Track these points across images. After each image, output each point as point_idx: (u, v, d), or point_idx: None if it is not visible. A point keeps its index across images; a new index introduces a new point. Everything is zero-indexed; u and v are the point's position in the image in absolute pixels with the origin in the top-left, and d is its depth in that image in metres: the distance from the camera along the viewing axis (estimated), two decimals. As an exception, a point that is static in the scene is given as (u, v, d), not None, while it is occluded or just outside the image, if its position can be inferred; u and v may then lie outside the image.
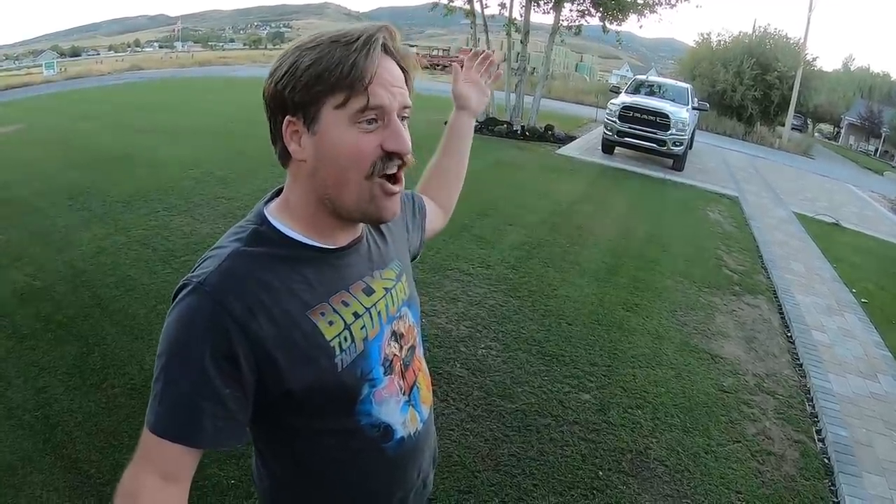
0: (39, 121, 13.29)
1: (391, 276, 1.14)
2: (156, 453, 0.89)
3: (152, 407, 0.89)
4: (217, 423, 0.89)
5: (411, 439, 1.13)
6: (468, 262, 5.61)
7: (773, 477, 3.18)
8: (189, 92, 20.11)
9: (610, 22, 14.15)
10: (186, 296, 0.90)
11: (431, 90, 11.61)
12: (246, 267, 0.93)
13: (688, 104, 13.01)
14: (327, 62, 0.89)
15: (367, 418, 1.04)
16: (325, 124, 0.92)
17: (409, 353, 1.16)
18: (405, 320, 1.16)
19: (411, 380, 1.15)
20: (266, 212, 1.01)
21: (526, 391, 3.65)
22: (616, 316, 4.88)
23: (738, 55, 26.96)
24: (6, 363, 3.61)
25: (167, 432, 0.88)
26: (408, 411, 1.12)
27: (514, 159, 11.42)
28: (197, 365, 0.87)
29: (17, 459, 2.83)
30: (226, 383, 0.88)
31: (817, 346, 4.83)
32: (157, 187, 7.21)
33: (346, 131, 0.92)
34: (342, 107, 0.91)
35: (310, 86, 0.90)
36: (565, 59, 44.85)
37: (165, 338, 0.90)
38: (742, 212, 9.62)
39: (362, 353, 1.02)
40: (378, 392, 1.05)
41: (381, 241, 1.17)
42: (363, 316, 1.04)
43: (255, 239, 0.97)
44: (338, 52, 0.89)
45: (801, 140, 27.75)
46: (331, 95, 0.90)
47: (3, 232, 5.75)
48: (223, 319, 0.88)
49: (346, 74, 0.89)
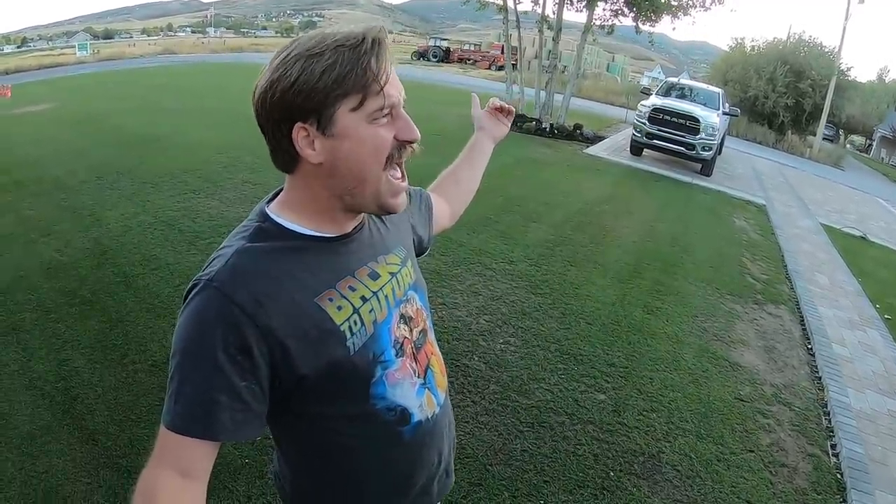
0: (71, 100, 13.54)
1: (395, 261, 1.16)
2: (174, 451, 0.91)
3: (168, 406, 0.91)
4: (234, 416, 0.91)
5: (429, 423, 1.14)
6: (491, 256, 5.62)
7: (784, 489, 3.16)
8: (220, 77, 20.33)
9: (643, 22, 14.03)
10: (196, 294, 0.93)
11: (464, 84, 11.66)
12: (252, 261, 0.96)
13: (718, 109, 12.85)
14: (340, 68, 0.92)
15: (382, 402, 1.06)
16: (342, 126, 0.95)
17: (421, 336, 1.17)
18: (413, 303, 1.18)
19: (424, 362, 1.16)
20: (268, 210, 1.04)
21: (542, 388, 3.66)
22: (636, 318, 4.86)
23: (771, 61, 26.55)
24: (30, 335, 3.70)
25: (185, 429, 0.90)
26: (424, 394, 1.14)
27: (541, 157, 11.39)
28: (211, 360, 0.89)
29: (37, 429, 2.91)
30: (241, 376, 0.91)
31: (837, 359, 4.77)
32: (186, 169, 7.32)
33: (366, 129, 0.96)
34: (358, 108, 0.94)
35: (326, 92, 0.92)
36: (597, 59, 44.45)
37: (179, 337, 0.93)
38: (769, 220, 9.51)
39: (373, 336, 1.04)
40: (391, 374, 1.07)
41: (384, 227, 1.20)
42: (371, 300, 1.06)
43: (260, 235, 1.00)
44: (346, 56, 0.92)
45: (832, 150, 27.26)
46: (346, 98, 0.93)
47: (33, 207, 5.89)
48: (233, 313, 0.90)
49: (361, 77, 0.92)
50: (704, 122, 11.56)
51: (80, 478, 2.64)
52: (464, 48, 47.39)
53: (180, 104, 12.73)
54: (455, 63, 42.14)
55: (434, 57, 42.05)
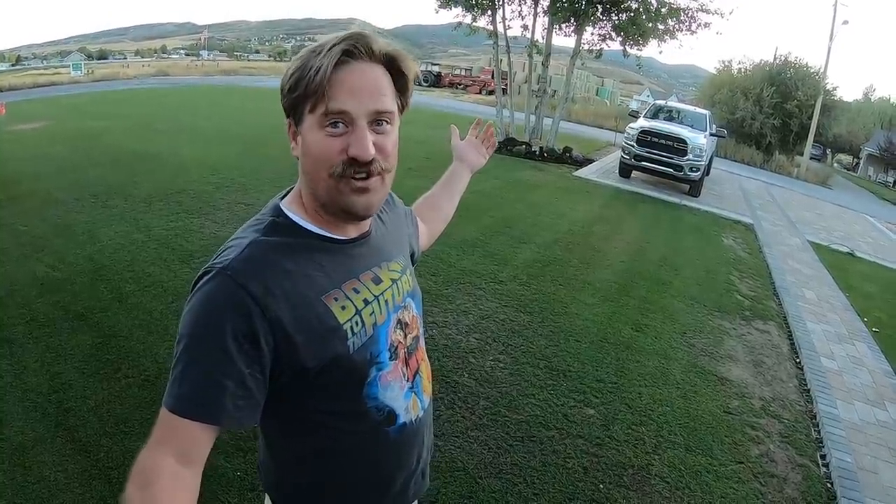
0: (65, 118, 13.57)
1: (397, 269, 1.22)
2: (174, 434, 0.91)
3: (171, 389, 0.92)
4: (237, 402, 0.93)
5: (412, 425, 1.18)
6: (480, 277, 5.66)
7: (774, 499, 3.19)
8: (213, 99, 20.41)
9: (630, 46, 14.23)
10: (209, 281, 0.96)
11: (453, 108, 11.74)
12: (265, 254, 1.00)
13: (706, 130, 13.01)
14: (302, 70, 0.98)
15: (372, 401, 1.10)
16: (304, 127, 1.02)
17: (414, 342, 1.22)
18: (409, 310, 1.22)
19: (414, 368, 1.21)
20: (282, 205, 1.09)
21: (531, 403, 3.69)
22: (625, 335, 4.91)
23: (758, 83, 26.89)
24: (23, 348, 3.72)
25: (188, 411, 0.91)
26: (410, 398, 1.18)
27: (530, 179, 11.49)
28: (220, 345, 0.91)
29: (29, 440, 2.92)
30: (246, 363, 0.93)
31: (826, 372, 4.82)
32: (179, 189, 7.35)
33: (315, 134, 1.00)
34: (312, 112, 1.00)
35: (290, 91, 1.01)
36: (586, 83, 44.82)
37: (188, 321, 0.94)
38: (756, 238, 9.62)
39: (372, 337, 1.09)
40: (384, 376, 1.11)
41: (388, 236, 1.25)
42: (372, 303, 1.10)
43: (273, 229, 1.05)
44: (311, 60, 0.98)
45: (819, 170, 27.61)
46: (305, 101, 1.00)
47: (27, 223, 5.90)
48: (245, 301, 0.93)
49: (311, 81, 0.97)
50: (692, 144, 11.70)
51: (73, 488, 2.64)
52: (455, 73, 47.68)
53: (172, 125, 12.78)
54: (446, 87, 42.41)
55: (425, 81, 42.26)
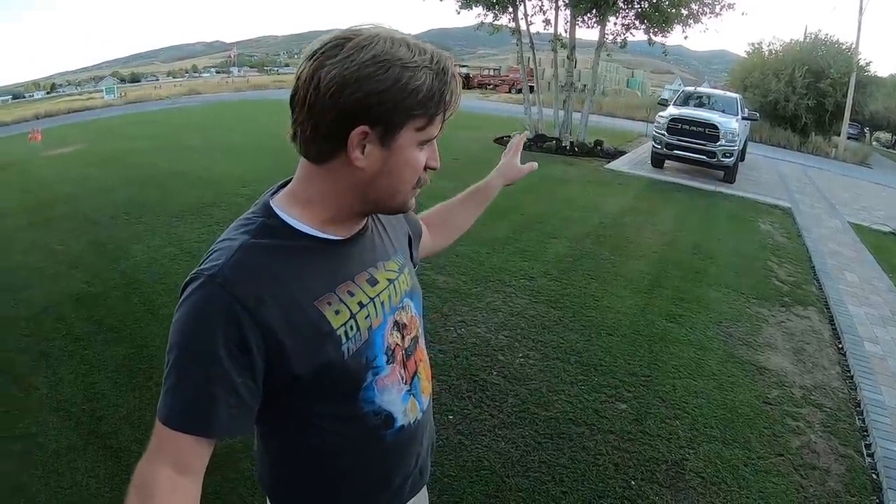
0: (99, 141, 13.91)
1: (394, 268, 1.17)
2: (170, 445, 0.90)
3: (165, 400, 0.91)
4: (231, 411, 0.91)
5: (410, 427, 1.16)
6: (510, 274, 5.62)
7: (816, 492, 3.07)
8: (244, 113, 20.72)
9: (655, 34, 14.00)
10: (198, 288, 0.92)
11: (484, 108, 11.68)
12: (256, 258, 0.95)
13: (737, 114, 12.72)
14: (427, 91, 0.93)
15: (369, 405, 1.07)
16: (401, 142, 0.96)
17: (412, 343, 1.19)
18: (408, 311, 1.19)
19: (412, 369, 1.18)
20: (273, 204, 1.03)
21: (561, 399, 3.63)
22: (658, 327, 4.81)
23: (789, 63, 26.12)
24: (59, 361, 3.85)
25: (182, 424, 0.89)
26: (409, 400, 1.15)
27: (561, 174, 11.37)
28: (211, 354, 0.89)
29: (63, 448, 3.02)
30: (239, 372, 0.91)
31: (870, 357, 4.65)
32: (210, 203, 7.47)
33: (413, 152, 0.98)
34: (421, 130, 0.96)
35: (410, 108, 0.93)
36: (616, 75, 44.32)
37: (178, 330, 0.92)
38: (794, 222, 9.35)
39: (367, 342, 1.05)
40: (381, 380, 1.08)
41: (385, 233, 1.21)
42: (368, 306, 1.06)
43: (264, 231, 0.99)
44: (432, 79, 0.93)
45: (857, 149, 26.70)
46: (417, 119, 0.95)
47: (63, 242, 6.07)
48: (235, 309, 0.90)
49: (438, 105, 0.95)
50: (724, 129, 11.45)
51: (104, 493, 2.70)
52: (483, 73, 47.63)
53: (204, 141, 13.00)
54: (476, 89, 42.39)
55: (455, 84, 42.20)
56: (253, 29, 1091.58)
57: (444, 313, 4.64)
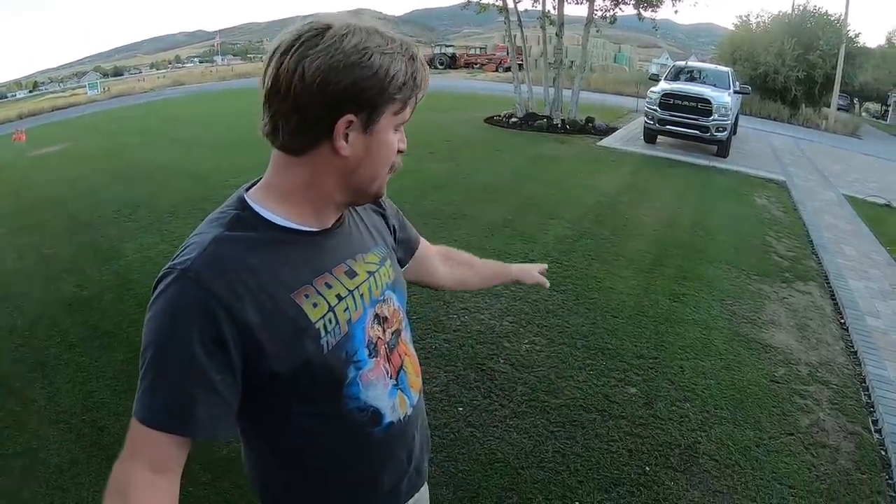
0: (85, 138, 13.78)
1: (374, 260, 1.15)
2: (146, 446, 0.88)
3: (142, 399, 0.89)
4: (211, 410, 0.89)
5: (400, 423, 1.14)
6: (510, 257, 5.57)
7: (827, 470, 3.07)
8: (228, 103, 20.52)
9: (644, 8, 13.89)
10: (171, 284, 0.90)
11: (470, 88, 11.60)
12: (229, 251, 0.93)
13: (729, 88, 12.70)
14: (403, 75, 0.95)
15: (354, 402, 1.05)
16: (381, 126, 0.97)
17: (394, 336, 1.16)
18: (389, 304, 1.16)
19: (397, 363, 1.15)
20: (247, 197, 1.02)
21: (570, 386, 3.61)
22: (662, 307, 4.79)
23: (778, 36, 26.00)
24: (55, 370, 3.77)
25: (160, 424, 0.88)
26: (396, 395, 1.13)
27: (554, 153, 11.30)
28: (187, 352, 0.87)
29: (65, 462, 2.95)
30: (217, 369, 0.88)
31: (872, 332, 4.65)
32: (202, 197, 7.39)
33: (390, 135, 1.00)
34: (398, 114, 0.98)
35: (391, 92, 0.94)
36: (603, 51, 44.07)
37: (152, 328, 0.90)
38: (790, 196, 9.34)
39: (346, 335, 1.03)
40: (365, 374, 1.06)
41: (363, 225, 1.19)
42: (346, 298, 1.04)
43: (237, 223, 0.97)
44: (405, 65, 0.95)
45: (848, 120, 26.69)
46: (394, 103, 0.96)
47: (53, 245, 5.98)
48: (210, 304, 0.88)
49: (412, 88, 0.97)
50: (716, 103, 11.42)
51: (110, 509, 2.65)
52: (469, 53, 47.30)
53: (189, 134, 12.87)
54: (462, 68, 42.11)
55: (441, 64, 42.00)
56: (234, 16, 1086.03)
57: (446, 301, 4.60)
